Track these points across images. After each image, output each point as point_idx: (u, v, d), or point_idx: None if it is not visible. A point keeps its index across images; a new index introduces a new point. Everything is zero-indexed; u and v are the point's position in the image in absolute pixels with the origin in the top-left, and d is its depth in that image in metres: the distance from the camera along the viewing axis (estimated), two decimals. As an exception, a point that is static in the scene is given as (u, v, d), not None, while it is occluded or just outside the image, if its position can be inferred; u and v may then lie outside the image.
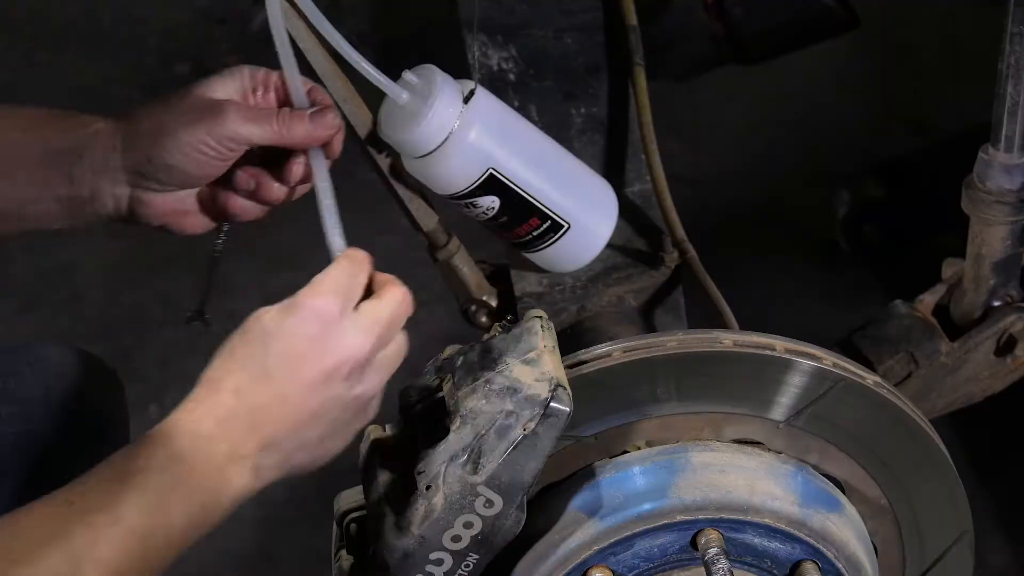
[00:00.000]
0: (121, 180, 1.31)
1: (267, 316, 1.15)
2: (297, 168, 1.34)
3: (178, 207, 1.35)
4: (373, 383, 1.18)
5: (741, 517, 1.31)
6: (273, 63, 1.32)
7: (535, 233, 1.49)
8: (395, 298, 1.20)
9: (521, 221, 1.47)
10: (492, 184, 1.43)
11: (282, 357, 1.13)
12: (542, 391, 1.19)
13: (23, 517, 1.03)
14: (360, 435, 1.30)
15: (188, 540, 1.09)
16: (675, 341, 1.32)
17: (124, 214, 1.35)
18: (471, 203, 1.45)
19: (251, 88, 1.33)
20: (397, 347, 1.21)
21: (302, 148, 1.32)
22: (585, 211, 1.51)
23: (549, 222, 1.48)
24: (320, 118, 1.31)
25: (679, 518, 1.30)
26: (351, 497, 1.37)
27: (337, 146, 1.34)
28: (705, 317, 1.61)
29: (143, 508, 1.06)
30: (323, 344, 1.14)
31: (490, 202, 1.45)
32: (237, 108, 1.30)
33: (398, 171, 1.48)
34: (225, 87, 1.32)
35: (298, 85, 1.29)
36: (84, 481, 1.07)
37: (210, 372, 1.14)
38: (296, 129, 1.30)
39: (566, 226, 1.49)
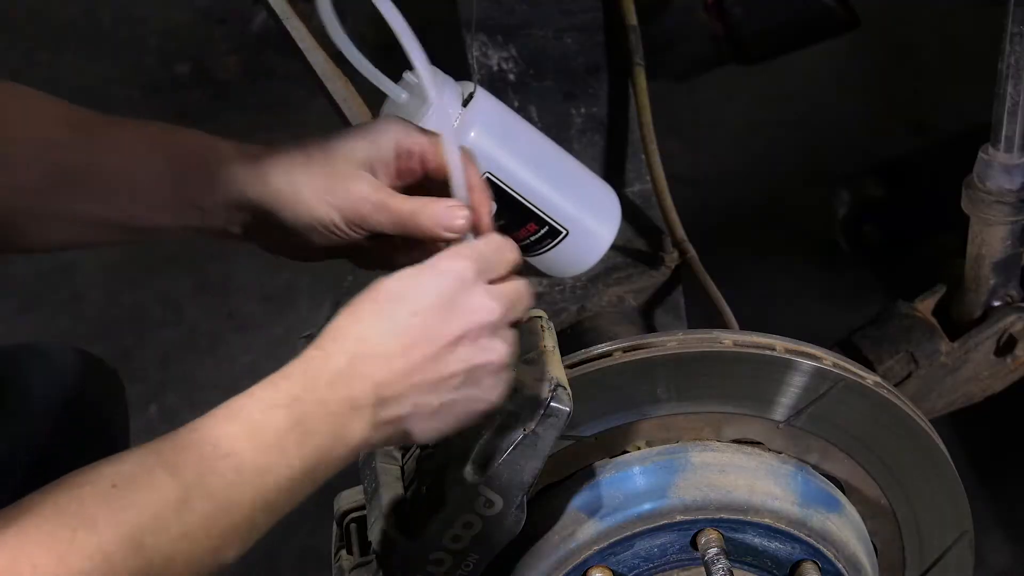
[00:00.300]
0: (245, 217, 1.27)
1: (395, 277, 1.12)
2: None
3: (298, 243, 1.30)
4: (500, 351, 1.13)
5: (741, 517, 1.31)
6: (273, 61, 1.31)
7: (533, 238, 1.48)
8: (522, 282, 1.17)
9: (518, 226, 1.47)
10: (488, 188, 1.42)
11: (412, 312, 1.10)
12: (542, 391, 1.19)
13: (128, 452, 1.00)
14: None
15: (303, 488, 1.06)
16: (675, 341, 1.32)
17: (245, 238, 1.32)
18: (468, 205, 1.45)
19: (396, 152, 1.26)
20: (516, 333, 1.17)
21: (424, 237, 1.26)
22: (585, 217, 1.50)
23: (547, 227, 1.48)
24: (450, 215, 1.21)
25: (679, 518, 1.30)
26: (351, 497, 1.37)
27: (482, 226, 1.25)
28: (705, 317, 1.61)
29: (257, 445, 1.03)
30: (457, 303, 1.11)
31: (487, 205, 1.45)
32: (372, 196, 1.23)
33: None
34: (368, 147, 1.25)
35: (460, 180, 1.19)
36: (200, 420, 1.04)
37: (333, 323, 1.11)
38: (423, 224, 1.22)
39: (564, 232, 1.48)
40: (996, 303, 1.67)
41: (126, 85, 3.33)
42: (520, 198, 1.44)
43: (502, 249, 1.17)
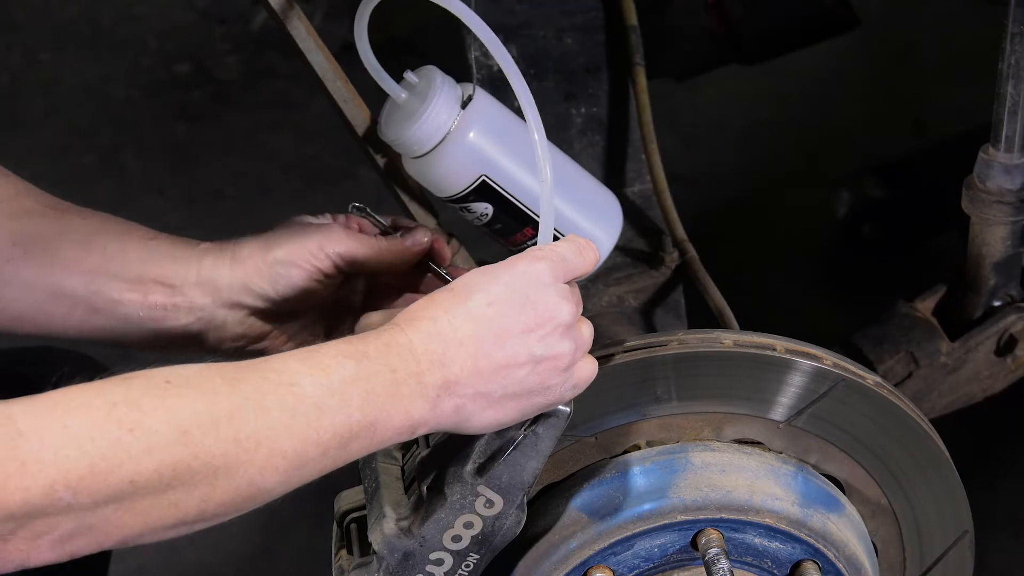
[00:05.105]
0: (226, 299, 1.35)
1: (472, 273, 1.16)
2: None
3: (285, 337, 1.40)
4: (568, 350, 1.15)
5: (741, 517, 1.31)
6: (274, 61, 1.32)
7: (529, 243, 1.47)
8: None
9: (515, 230, 1.46)
10: (485, 191, 1.42)
11: (487, 303, 1.12)
12: (542, 391, 1.19)
13: (183, 367, 1.01)
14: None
15: (358, 442, 1.06)
16: (675, 341, 1.32)
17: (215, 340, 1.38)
18: (465, 208, 1.44)
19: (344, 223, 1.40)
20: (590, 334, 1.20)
21: (399, 267, 1.41)
22: (583, 223, 1.48)
23: None
24: (410, 236, 1.40)
25: (679, 518, 1.30)
26: (351, 497, 1.37)
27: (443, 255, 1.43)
28: (705, 317, 1.61)
29: (321, 384, 1.03)
30: (532, 300, 1.13)
31: (483, 208, 1.44)
32: (342, 226, 1.38)
33: (394, 171, 1.48)
34: (319, 219, 1.40)
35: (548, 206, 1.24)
36: (268, 356, 1.05)
37: (408, 309, 1.13)
38: (394, 245, 1.39)
39: (561, 238, 1.47)
40: (996, 303, 1.67)
41: (126, 85, 3.33)
42: (517, 202, 1.43)
43: (584, 250, 1.20)
